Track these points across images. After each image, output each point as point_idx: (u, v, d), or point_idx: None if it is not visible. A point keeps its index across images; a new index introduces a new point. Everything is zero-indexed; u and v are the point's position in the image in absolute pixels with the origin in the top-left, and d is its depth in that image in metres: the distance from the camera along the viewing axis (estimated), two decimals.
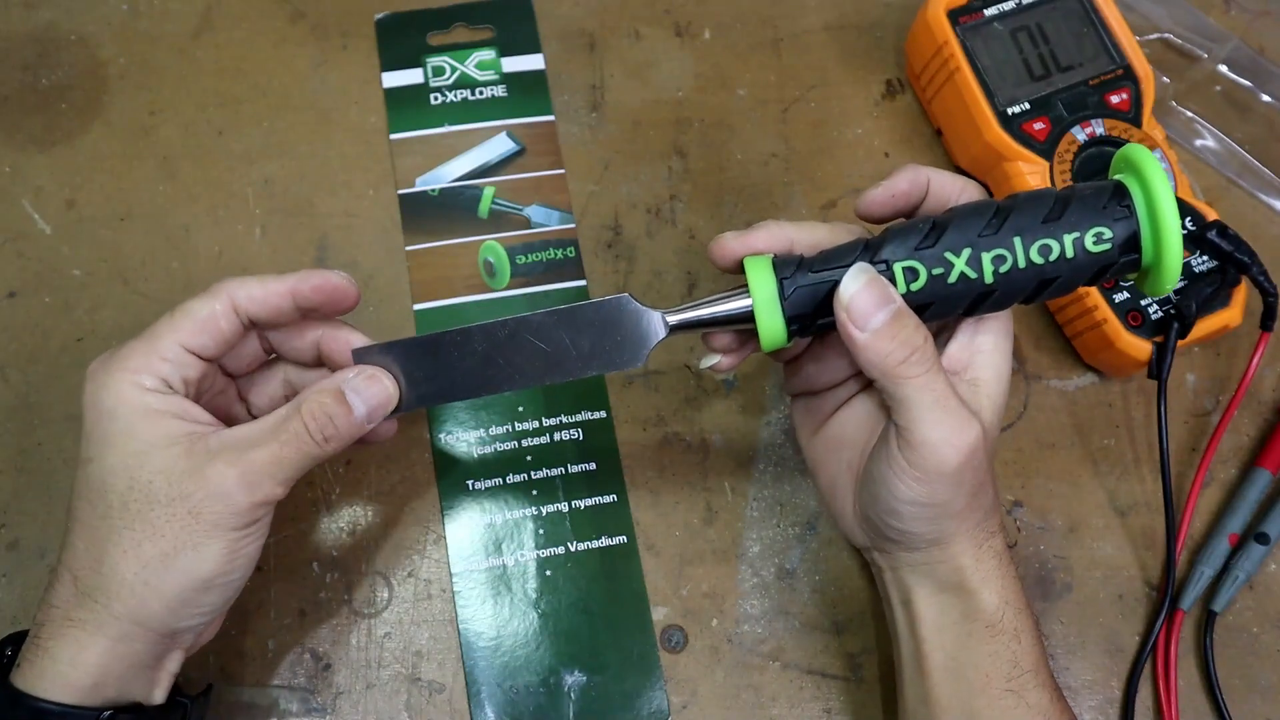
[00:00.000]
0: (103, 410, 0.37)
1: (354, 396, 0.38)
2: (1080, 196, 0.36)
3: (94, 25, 0.57)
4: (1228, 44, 0.57)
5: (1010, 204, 0.37)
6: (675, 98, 0.58)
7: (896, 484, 0.38)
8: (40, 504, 0.48)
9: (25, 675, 0.36)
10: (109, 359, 0.38)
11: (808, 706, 0.47)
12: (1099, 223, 0.36)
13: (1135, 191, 0.36)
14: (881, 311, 0.36)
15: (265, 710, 0.46)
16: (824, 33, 0.60)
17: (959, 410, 0.37)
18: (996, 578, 0.40)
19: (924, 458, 0.37)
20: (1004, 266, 0.36)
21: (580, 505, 0.49)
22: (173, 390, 0.38)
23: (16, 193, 0.54)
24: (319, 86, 0.57)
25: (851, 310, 0.36)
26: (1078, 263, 0.36)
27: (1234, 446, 0.52)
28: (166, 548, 0.36)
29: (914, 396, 0.36)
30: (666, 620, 0.48)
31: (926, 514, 0.38)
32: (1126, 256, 0.36)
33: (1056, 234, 0.36)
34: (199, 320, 0.38)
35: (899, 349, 0.36)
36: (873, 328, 0.36)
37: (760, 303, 0.38)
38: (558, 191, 0.55)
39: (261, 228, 0.54)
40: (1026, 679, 0.39)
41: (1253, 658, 0.49)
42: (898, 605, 0.42)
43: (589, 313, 0.39)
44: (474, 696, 0.46)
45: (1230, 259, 0.49)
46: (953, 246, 0.36)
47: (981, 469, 0.38)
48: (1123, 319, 0.49)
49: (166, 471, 0.36)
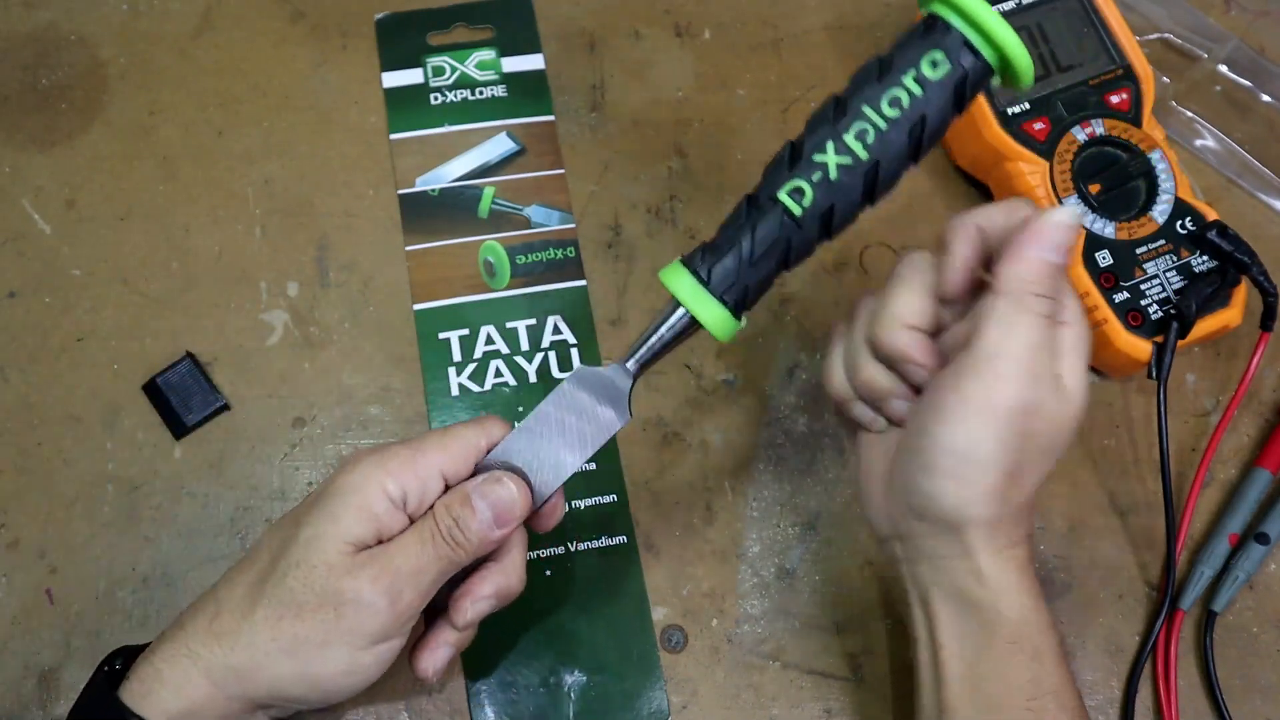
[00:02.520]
0: (339, 489, 0.38)
1: (479, 501, 0.38)
2: (898, 43, 0.37)
3: (94, 25, 0.57)
4: (1228, 44, 0.57)
5: (846, 90, 0.37)
6: (675, 98, 0.58)
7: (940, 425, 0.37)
8: (40, 504, 0.48)
9: (133, 690, 0.37)
10: (373, 453, 0.39)
11: (808, 706, 0.47)
12: (926, 49, 0.36)
13: (942, 9, 0.36)
14: (1060, 252, 0.37)
15: None
16: (824, 33, 0.60)
17: (1044, 366, 0.37)
18: (1017, 591, 0.38)
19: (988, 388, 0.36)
20: (870, 137, 0.37)
21: (580, 505, 0.49)
22: (405, 508, 0.38)
23: (16, 193, 0.54)
24: (319, 86, 0.57)
25: (1045, 233, 0.37)
26: (931, 95, 0.36)
27: (1234, 446, 0.52)
28: (301, 635, 0.36)
29: (1022, 330, 0.36)
30: (666, 620, 0.48)
31: (959, 470, 0.37)
32: (973, 65, 0.36)
33: (896, 80, 0.36)
34: (465, 451, 0.39)
35: (1046, 285, 0.37)
36: (1047, 256, 0.37)
37: (689, 301, 0.38)
38: (558, 191, 0.55)
39: (261, 228, 0.54)
40: (1047, 700, 0.38)
41: (1253, 658, 0.49)
42: (916, 604, 0.41)
43: (564, 398, 0.40)
44: (474, 696, 0.46)
45: (1230, 259, 0.49)
46: (817, 148, 0.37)
47: (1027, 446, 0.37)
48: (1123, 319, 0.49)
49: (331, 566, 0.37)
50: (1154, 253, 0.50)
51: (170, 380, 0.50)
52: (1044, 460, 0.38)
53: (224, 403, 0.50)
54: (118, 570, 0.47)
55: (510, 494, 0.39)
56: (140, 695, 0.36)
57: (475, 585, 0.40)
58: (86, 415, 0.50)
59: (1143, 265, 0.50)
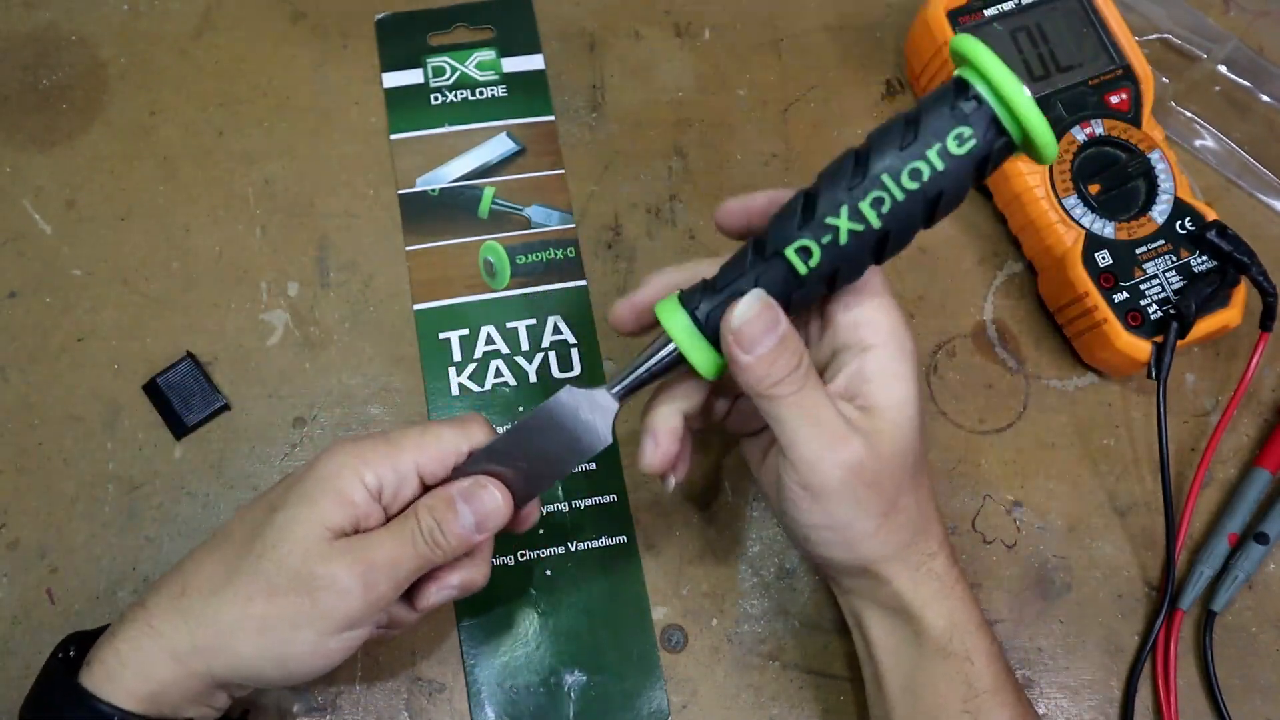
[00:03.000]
0: (317, 475, 0.38)
1: (463, 505, 0.38)
2: (926, 108, 0.36)
3: (94, 25, 0.57)
4: (1227, 44, 0.57)
5: (865, 146, 0.36)
6: (675, 98, 0.58)
7: (793, 509, 0.38)
8: (40, 504, 0.48)
9: (94, 675, 0.36)
10: (354, 443, 0.39)
11: (808, 706, 0.47)
12: (953, 125, 0.35)
13: (974, 79, 0.35)
14: (768, 337, 0.36)
15: (265, 710, 0.46)
16: (824, 33, 0.60)
17: (833, 427, 0.37)
18: (940, 600, 0.39)
19: (804, 475, 0.37)
20: (885, 207, 0.36)
21: (580, 505, 0.49)
22: (378, 501, 0.38)
23: (17, 193, 0.54)
24: (319, 86, 0.57)
25: (740, 335, 0.36)
26: (952, 170, 0.35)
27: (1234, 446, 0.52)
28: (272, 616, 0.36)
29: (785, 414, 0.37)
30: (666, 620, 0.48)
31: (834, 538, 0.38)
32: (998, 142, 0.35)
33: (919, 153, 0.35)
34: (443, 452, 0.39)
35: (776, 371, 0.36)
36: (758, 353, 0.36)
37: (682, 340, 0.38)
38: (558, 191, 0.55)
39: (261, 228, 0.54)
40: (984, 700, 0.39)
41: (1252, 658, 0.49)
42: (854, 628, 0.43)
43: (546, 416, 0.40)
44: (474, 696, 0.46)
45: (1230, 259, 0.49)
46: (830, 210, 0.36)
47: (882, 489, 0.37)
48: (1122, 319, 0.49)
49: (308, 550, 0.36)
50: (1153, 253, 0.50)
51: (170, 380, 0.50)
52: (907, 481, 0.39)
53: (224, 403, 0.50)
54: (118, 570, 0.47)
55: (494, 501, 0.39)
56: (102, 679, 0.36)
57: (444, 574, 0.40)
58: (87, 415, 0.50)
59: (1142, 265, 0.50)
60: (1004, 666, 0.40)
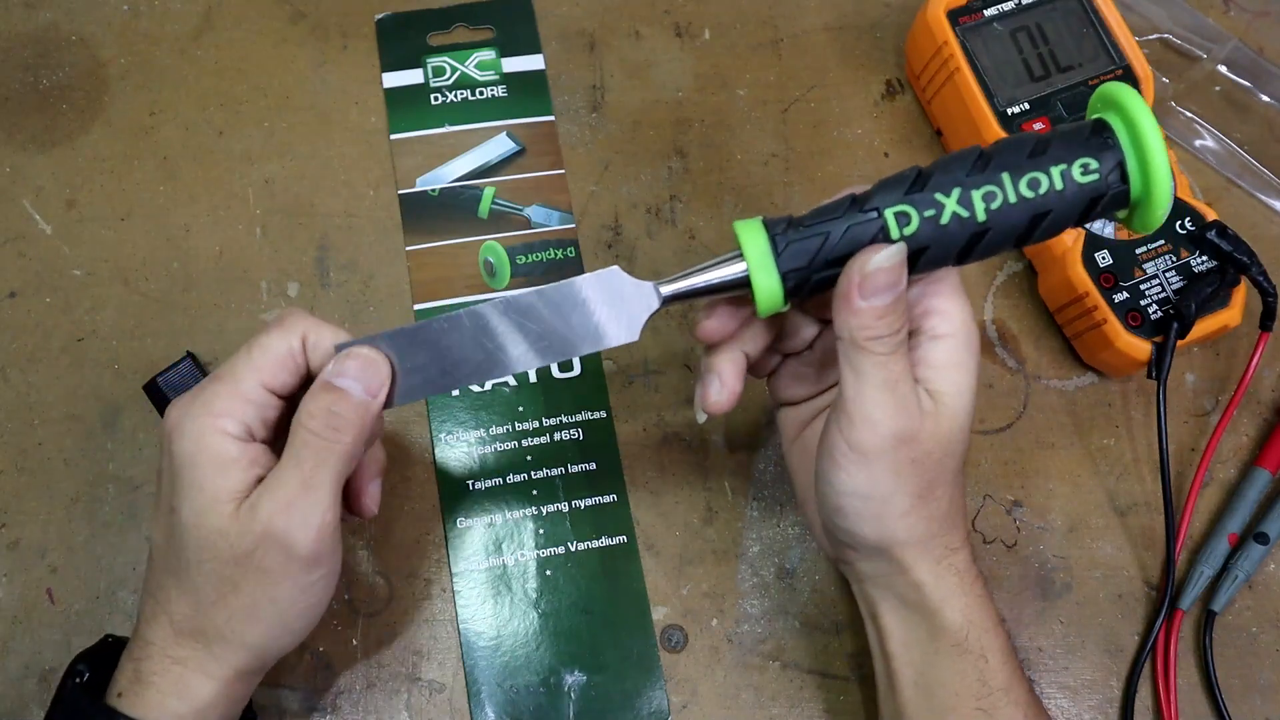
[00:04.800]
0: (184, 458, 0.36)
1: (342, 380, 0.37)
2: (1061, 133, 0.36)
3: (94, 26, 0.57)
4: (1227, 44, 0.57)
5: (992, 149, 0.37)
6: (675, 98, 0.58)
7: (835, 471, 0.38)
8: (40, 504, 0.48)
9: (130, 703, 0.37)
10: (191, 402, 0.37)
11: (808, 706, 0.47)
12: (1084, 153, 0.36)
13: (1116, 124, 0.36)
14: (889, 292, 0.36)
15: (265, 710, 0.46)
16: (824, 33, 0.60)
17: (906, 398, 0.37)
18: (959, 595, 0.39)
19: (859, 433, 0.37)
20: (995, 203, 0.36)
21: (580, 505, 0.49)
22: (253, 438, 0.37)
23: (17, 193, 0.54)
24: (319, 87, 0.57)
25: (867, 279, 0.36)
26: (1068, 194, 0.36)
27: (1233, 446, 0.52)
28: (248, 601, 0.36)
29: (869, 371, 0.37)
30: (666, 620, 0.48)
31: (867, 509, 0.38)
32: (1116, 188, 0.36)
33: (1043, 166, 0.36)
34: (278, 357, 0.37)
35: (879, 327, 0.36)
36: (873, 303, 0.36)
37: (756, 263, 0.37)
38: (558, 191, 0.55)
39: (262, 228, 0.54)
40: (997, 697, 0.39)
41: (1252, 657, 0.49)
42: (868, 620, 0.42)
43: (579, 289, 0.38)
44: (474, 696, 0.46)
45: (1230, 259, 0.49)
46: (941, 188, 0.36)
47: (924, 468, 0.38)
48: (1123, 319, 0.49)
49: (225, 532, 0.36)
50: (1153, 253, 0.50)
51: (171, 380, 0.50)
52: (948, 471, 0.39)
53: None
54: (118, 570, 0.47)
55: (364, 358, 0.37)
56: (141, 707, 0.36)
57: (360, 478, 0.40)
58: (87, 415, 0.50)
59: (1142, 265, 0.50)
60: (1017, 666, 0.40)
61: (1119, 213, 0.38)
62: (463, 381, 0.39)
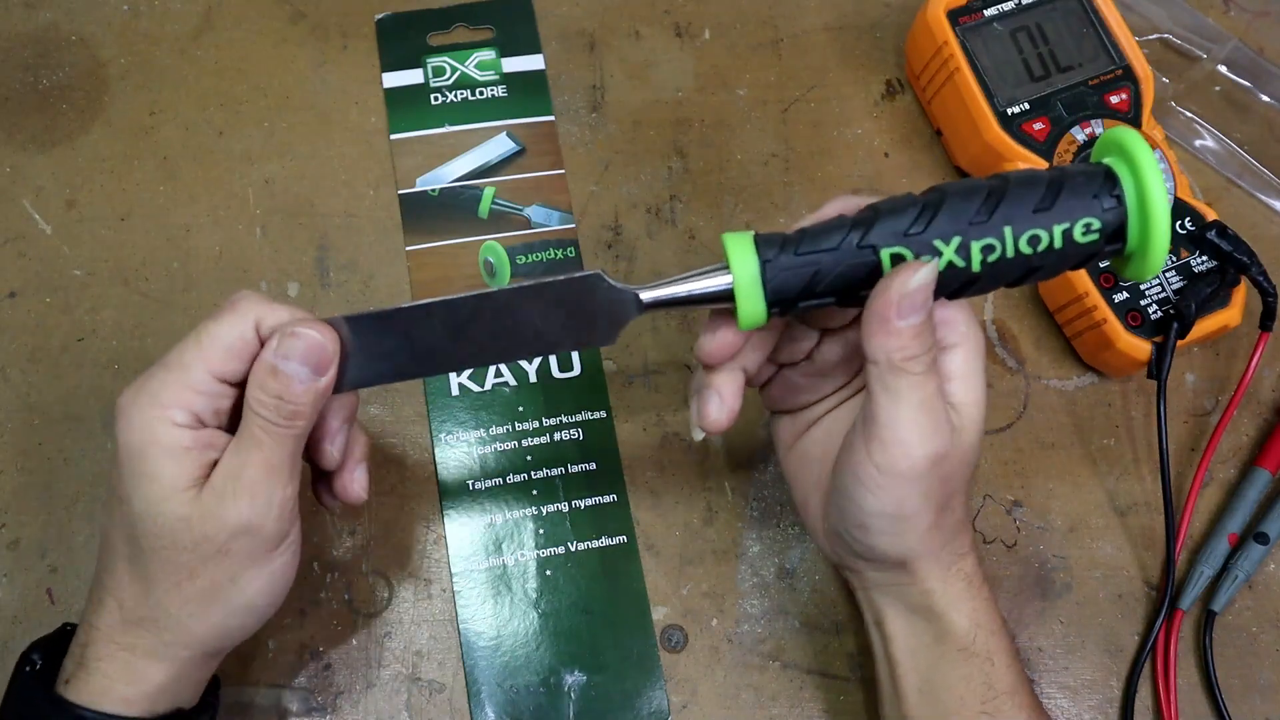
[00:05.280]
0: (133, 449, 0.35)
1: (286, 364, 0.35)
2: (1071, 184, 0.36)
3: (94, 26, 0.57)
4: (1227, 44, 0.57)
5: (1001, 186, 0.36)
6: (675, 98, 0.58)
7: (862, 493, 0.37)
8: (40, 504, 0.48)
9: (76, 690, 0.36)
10: (138, 393, 0.36)
11: (808, 706, 0.47)
12: (1089, 213, 0.35)
13: (1126, 181, 0.35)
14: (923, 310, 0.36)
15: (265, 710, 0.46)
16: (824, 33, 0.60)
17: (940, 416, 0.37)
18: (966, 600, 0.39)
19: (892, 458, 0.36)
20: (992, 256, 0.36)
21: (580, 505, 0.49)
22: (204, 425, 0.36)
23: (17, 193, 0.54)
24: (319, 87, 0.57)
25: (905, 300, 0.35)
26: (1065, 253, 0.36)
27: (1233, 446, 0.52)
28: (206, 585, 0.36)
29: (905, 393, 0.36)
30: (666, 620, 0.48)
31: (892, 527, 0.38)
32: (1111, 246, 0.36)
33: (1047, 225, 0.35)
34: (229, 346, 0.36)
35: (916, 346, 0.36)
36: (909, 322, 0.36)
37: (742, 283, 0.36)
38: (558, 191, 0.55)
39: (261, 228, 0.54)
40: (1002, 701, 0.39)
41: (1252, 657, 0.49)
42: (871, 625, 0.42)
43: (559, 290, 0.38)
44: (474, 696, 0.46)
45: (1230, 259, 0.49)
46: (943, 234, 0.36)
47: (949, 484, 0.38)
48: (1123, 319, 0.49)
49: (186, 518, 0.35)
50: None
51: None
52: (965, 482, 0.39)
53: None
54: None
55: (308, 338, 0.36)
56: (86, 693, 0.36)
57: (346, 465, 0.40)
58: (86, 415, 0.50)
59: None
60: (1021, 669, 0.40)
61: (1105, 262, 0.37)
62: (429, 371, 0.39)
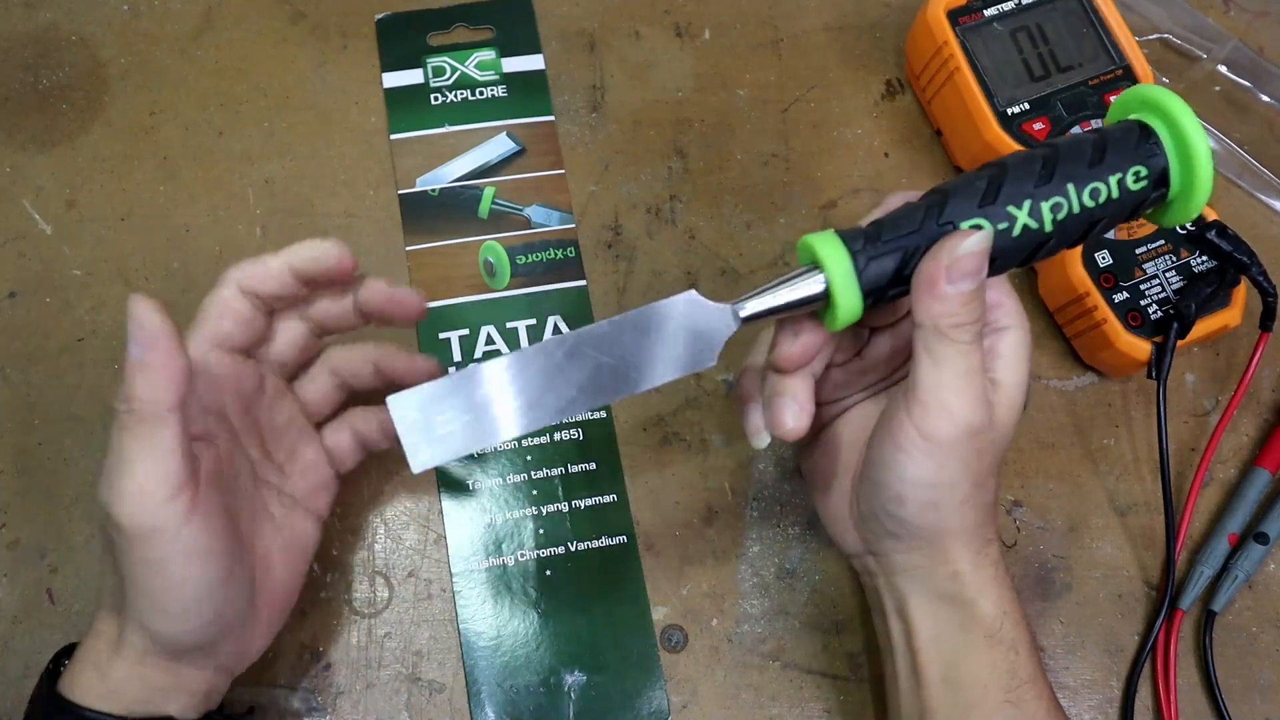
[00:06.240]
0: None
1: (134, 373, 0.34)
2: (1114, 140, 0.37)
3: (94, 26, 0.57)
4: (1227, 44, 0.57)
5: (1053, 152, 0.37)
6: (675, 98, 0.58)
7: (902, 459, 0.38)
8: (40, 504, 0.48)
9: (67, 683, 0.38)
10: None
11: (808, 706, 0.47)
12: (1136, 161, 0.37)
13: (1160, 129, 0.37)
14: (974, 279, 0.36)
15: (265, 710, 0.46)
16: (824, 33, 0.60)
17: (981, 388, 0.37)
18: (994, 587, 0.39)
19: (935, 423, 0.37)
20: (1061, 213, 0.37)
21: (580, 505, 0.49)
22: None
23: (17, 193, 0.54)
24: (319, 87, 0.57)
25: (956, 264, 0.36)
26: (1121, 201, 0.37)
27: (1234, 446, 0.52)
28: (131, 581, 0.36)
29: (950, 359, 0.37)
30: (666, 620, 0.48)
31: (930, 496, 0.38)
32: (1157, 191, 0.37)
33: (1103, 176, 0.37)
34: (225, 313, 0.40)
35: (964, 314, 0.36)
36: (960, 288, 0.36)
37: (837, 279, 0.36)
38: (558, 191, 0.55)
39: (262, 228, 0.54)
40: (1024, 690, 0.39)
41: (1252, 657, 0.49)
42: (892, 615, 0.42)
43: (656, 315, 0.37)
44: (474, 696, 0.46)
45: (1230, 259, 0.49)
46: (1014, 200, 0.37)
47: (986, 460, 0.38)
48: (1123, 319, 0.49)
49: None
50: (1153, 253, 0.50)
51: None
52: (998, 462, 0.40)
53: None
54: None
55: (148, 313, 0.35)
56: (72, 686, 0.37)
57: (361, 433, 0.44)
58: (86, 415, 0.50)
59: (1142, 265, 0.50)
60: (1040, 660, 0.40)
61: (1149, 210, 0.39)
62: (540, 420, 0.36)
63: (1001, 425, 0.39)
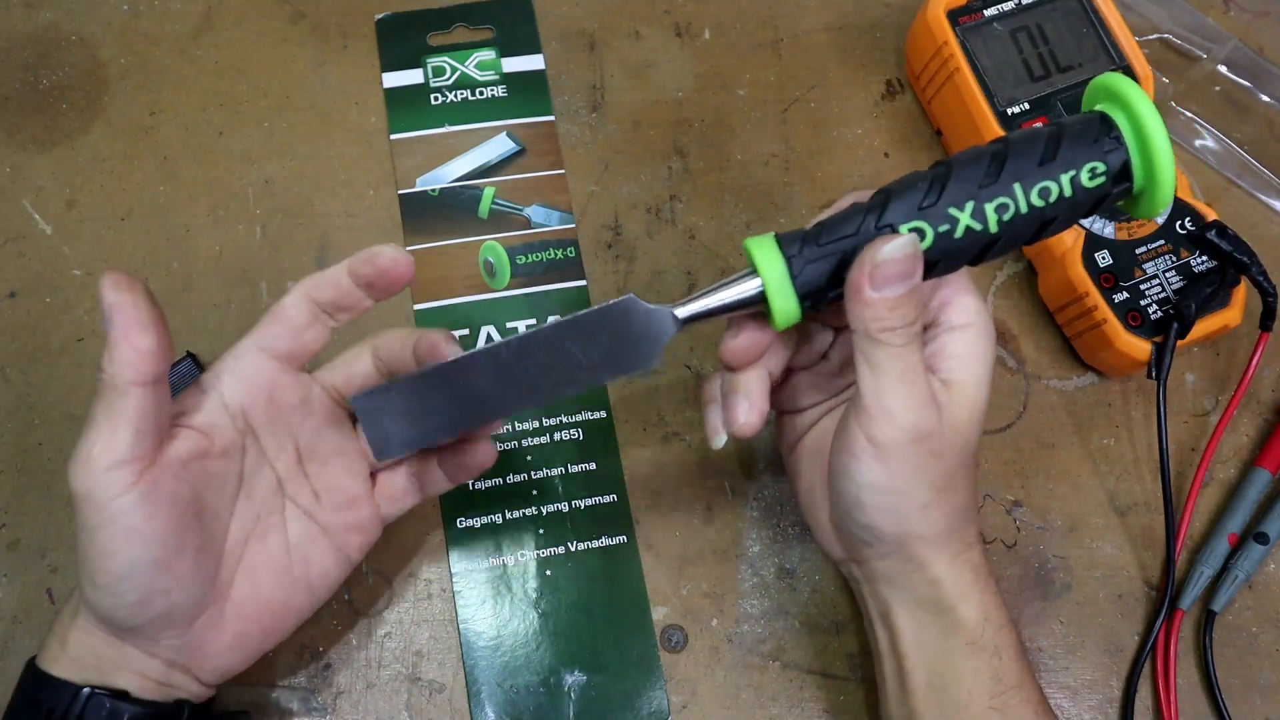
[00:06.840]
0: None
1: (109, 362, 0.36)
2: (1070, 134, 0.36)
3: (94, 26, 0.57)
4: (1227, 44, 0.57)
5: (1003, 148, 0.36)
6: (675, 98, 0.58)
7: (855, 465, 0.38)
8: (40, 504, 0.48)
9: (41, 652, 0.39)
10: None
11: (808, 706, 0.47)
12: (1091, 157, 0.36)
13: (1121, 121, 0.36)
14: (901, 283, 0.36)
15: (265, 710, 0.46)
16: (824, 33, 0.60)
17: (922, 389, 0.37)
18: (975, 592, 0.39)
19: (879, 428, 0.37)
20: (1007, 214, 0.36)
21: (580, 505, 0.49)
22: None
23: (17, 193, 0.54)
24: (319, 87, 0.57)
25: (879, 270, 0.36)
26: (1076, 200, 0.36)
27: (1233, 446, 0.52)
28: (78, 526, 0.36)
29: (885, 363, 0.36)
30: (666, 620, 0.48)
31: (887, 502, 0.38)
32: (1119, 186, 0.36)
33: (1054, 174, 0.36)
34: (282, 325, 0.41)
35: (893, 319, 0.36)
36: (886, 294, 0.36)
37: (771, 283, 0.37)
38: (558, 191, 0.55)
39: (261, 228, 0.54)
40: (1010, 695, 0.39)
41: (1252, 657, 0.49)
42: (877, 621, 0.42)
43: (596, 319, 0.38)
44: (474, 696, 0.46)
45: (1230, 259, 0.49)
46: (956, 201, 0.36)
47: (946, 462, 0.38)
48: (1123, 319, 0.49)
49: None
50: (1153, 253, 0.50)
51: (171, 380, 0.49)
52: (965, 463, 0.39)
53: None
54: None
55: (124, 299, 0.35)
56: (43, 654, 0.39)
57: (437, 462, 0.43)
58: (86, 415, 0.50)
59: (1142, 265, 0.50)
60: (1027, 664, 0.40)
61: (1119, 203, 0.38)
62: (482, 419, 0.39)
63: (959, 425, 0.38)
